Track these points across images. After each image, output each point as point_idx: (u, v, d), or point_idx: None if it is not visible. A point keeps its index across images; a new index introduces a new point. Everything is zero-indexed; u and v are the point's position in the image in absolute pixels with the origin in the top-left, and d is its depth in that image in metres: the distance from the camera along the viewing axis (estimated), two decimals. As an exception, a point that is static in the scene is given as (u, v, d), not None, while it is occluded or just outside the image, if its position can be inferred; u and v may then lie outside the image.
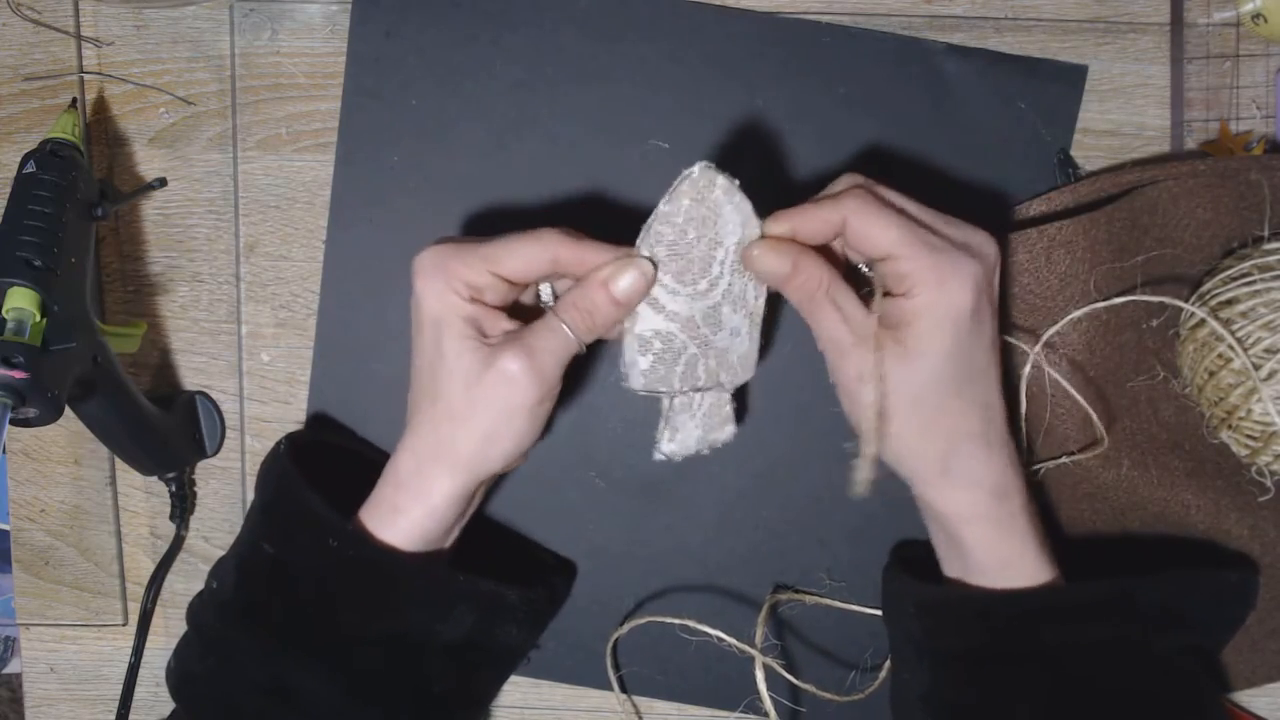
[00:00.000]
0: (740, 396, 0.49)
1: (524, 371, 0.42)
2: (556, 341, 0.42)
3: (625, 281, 0.42)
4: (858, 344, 0.41)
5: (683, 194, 0.42)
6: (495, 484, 0.53)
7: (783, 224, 0.42)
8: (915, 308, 0.41)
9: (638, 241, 0.43)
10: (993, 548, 0.43)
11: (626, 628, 0.53)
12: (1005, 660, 0.44)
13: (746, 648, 0.50)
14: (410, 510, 0.44)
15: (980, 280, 0.41)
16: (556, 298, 0.46)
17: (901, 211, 0.42)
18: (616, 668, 0.55)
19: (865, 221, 0.41)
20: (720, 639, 0.50)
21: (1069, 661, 0.43)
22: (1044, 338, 0.48)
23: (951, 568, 0.46)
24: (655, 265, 0.43)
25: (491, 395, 0.42)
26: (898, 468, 0.44)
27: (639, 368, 0.44)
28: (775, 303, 0.46)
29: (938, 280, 0.40)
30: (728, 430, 0.47)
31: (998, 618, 0.44)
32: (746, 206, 0.43)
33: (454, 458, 0.43)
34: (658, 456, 0.47)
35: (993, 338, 0.43)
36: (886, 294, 0.42)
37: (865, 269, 0.45)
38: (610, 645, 0.54)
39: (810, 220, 0.42)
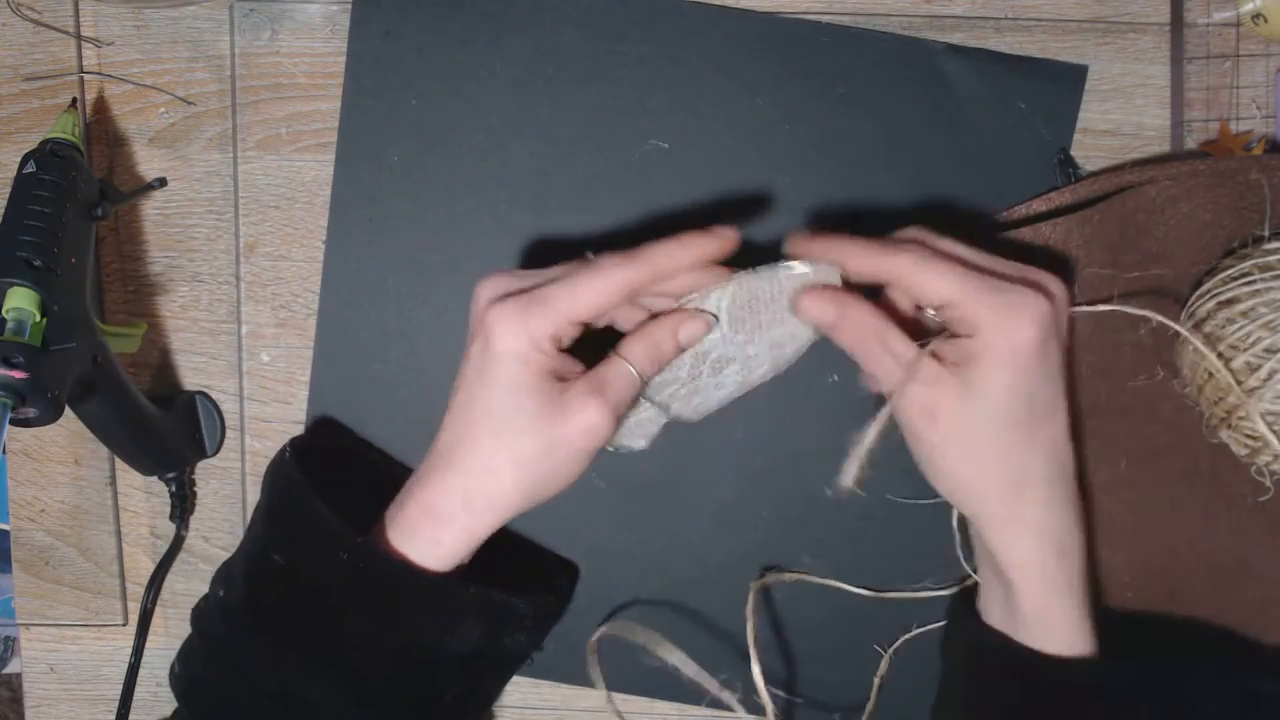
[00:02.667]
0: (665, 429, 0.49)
1: (608, 424, 0.43)
2: (627, 387, 0.44)
3: (689, 331, 0.44)
4: (911, 381, 0.42)
5: (784, 280, 0.44)
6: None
7: (830, 252, 0.43)
8: (977, 346, 0.41)
9: (712, 293, 0.44)
10: (1040, 603, 0.43)
11: (602, 629, 0.53)
12: None
13: (750, 665, 0.50)
14: (453, 544, 0.44)
15: (1046, 316, 0.41)
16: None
17: (959, 259, 0.42)
18: (600, 666, 0.54)
19: (921, 275, 0.41)
20: (719, 690, 0.51)
21: None
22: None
23: (993, 614, 0.46)
24: (718, 319, 0.44)
25: (571, 445, 0.43)
26: (959, 505, 0.44)
27: None
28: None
29: (998, 318, 0.40)
30: (640, 444, 0.48)
31: (1038, 680, 0.43)
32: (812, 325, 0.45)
33: (507, 497, 0.43)
34: None
35: (1062, 377, 0.43)
36: (953, 336, 0.42)
37: (932, 313, 0.44)
38: (593, 642, 0.53)
39: (856, 259, 0.43)
